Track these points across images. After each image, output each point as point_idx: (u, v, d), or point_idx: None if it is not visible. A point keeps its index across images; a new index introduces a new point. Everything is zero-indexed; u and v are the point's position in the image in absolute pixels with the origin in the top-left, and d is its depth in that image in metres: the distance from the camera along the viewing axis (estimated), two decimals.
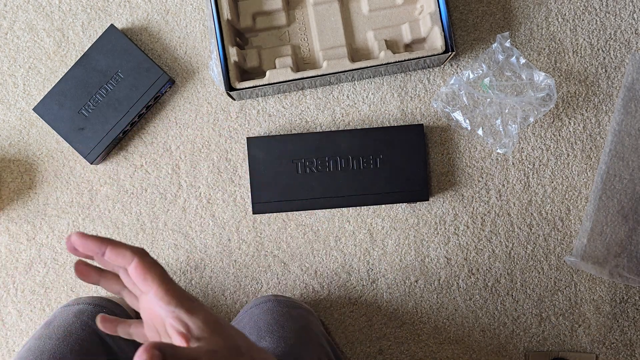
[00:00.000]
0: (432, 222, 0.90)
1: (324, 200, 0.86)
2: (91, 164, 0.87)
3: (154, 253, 0.89)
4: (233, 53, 0.82)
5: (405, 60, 0.83)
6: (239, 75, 0.84)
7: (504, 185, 0.90)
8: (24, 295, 0.90)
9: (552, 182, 0.90)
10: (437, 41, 0.83)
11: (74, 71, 0.87)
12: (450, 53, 0.83)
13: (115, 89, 0.86)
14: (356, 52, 0.89)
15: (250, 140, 0.86)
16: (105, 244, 0.43)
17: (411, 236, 0.90)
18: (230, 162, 0.90)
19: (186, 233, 0.90)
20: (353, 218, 0.90)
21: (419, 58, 0.83)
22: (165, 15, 0.91)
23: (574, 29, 0.90)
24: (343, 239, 0.90)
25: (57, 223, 0.90)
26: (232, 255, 0.90)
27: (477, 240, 0.90)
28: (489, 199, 0.90)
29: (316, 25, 0.87)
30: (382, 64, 0.83)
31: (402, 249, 0.90)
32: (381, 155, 0.86)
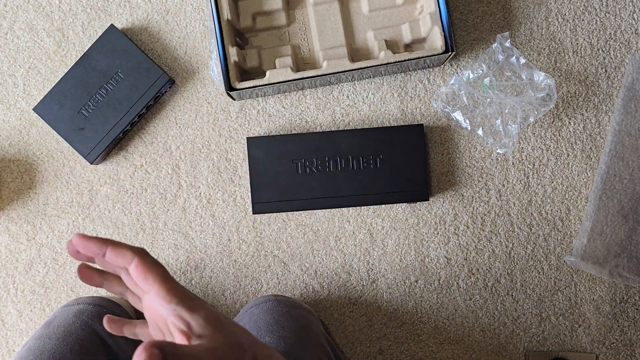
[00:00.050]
0: (432, 222, 0.90)
1: (324, 200, 0.86)
2: (91, 164, 0.87)
3: (154, 253, 0.89)
4: (233, 53, 0.82)
5: (405, 60, 0.83)
6: (239, 75, 0.84)
7: (504, 185, 0.90)
8: (24, 295, 0.90)
9: (552, 182, 0.90)
10: (437, 41, 0.83)
11: (74, 71, 0.87)
12: (450, 53, 0.83)
13: (115, 89, 0.86)
14: (356, 52, 0.89)
15: (250, 140, 0.86)
16: (105, 245, 0.43)
17: (411, 236, 0.90)
18: (230, 162, 0.90)
19: (186, 233, 0.90)
20: (353, 218, 0.90)
21: (419, 58, 0.83)
22: (165, 15, 0.91)
23: (574, 29, 0.90)
24: (343, 239, 0.90)
25: (57, 223, 0.90)
26: (232, 255, 0.90)
27: (477, 240, 0.90)
28: (489, 199, 0.90)
29: (316, 25, 0.87)
30: (382, 64, 0.83)
31: (402, 249, 0.90)
32: (381, 155, 0.86)
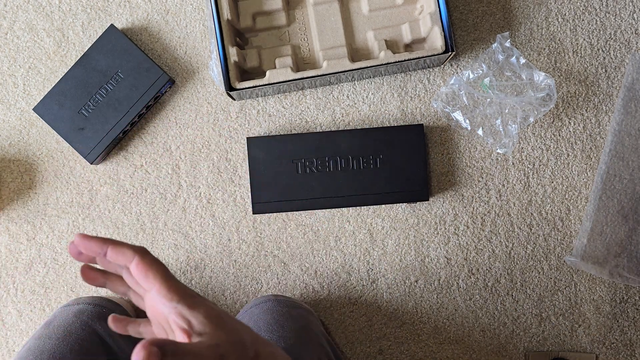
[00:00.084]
0: (432, 222, 0.90)
1: (324, 200, 0.86)
2: (91, 164, 0.87)
3: (154, 253, 0.89)
4: (233, 53, 0.82)
5: (405, 60, 0.83)
6: (239, 75, 0.84)
7: (504, 185, 0.90)
8: (24, 295, 0.90)
9: (552, 182, 0.90)
10: (437, 41, 0.83)
11: (74, 71, 0.87)
12: (450, 53, 0.83)
13: (115, 89, 0.86)
14: (356, 52, 0.89)
15: (250, 140, 0.86)
16: (106, 244, 0.43)
17: (411, 236, 0.90)
18: (230, 162, 0.90)
19: (186, 233, 0.90)
20: (353, 218, 0.90)
21: (419, 58, 0.83)
22: (165, 15, 0.91)
23: (574, 29, 0.90)
24: (343, 239, 0.90)
25: (57, 223, 0.90)
26: (232, 255, 0.90)
27: (477, 240, 0.90)
28: (489, 199, 0.90)
29: (316, 25, 0.87)
30: (382, 64, 0.83)
31: (402, 249, 0.90)
32: (381, 155, 0.86)
